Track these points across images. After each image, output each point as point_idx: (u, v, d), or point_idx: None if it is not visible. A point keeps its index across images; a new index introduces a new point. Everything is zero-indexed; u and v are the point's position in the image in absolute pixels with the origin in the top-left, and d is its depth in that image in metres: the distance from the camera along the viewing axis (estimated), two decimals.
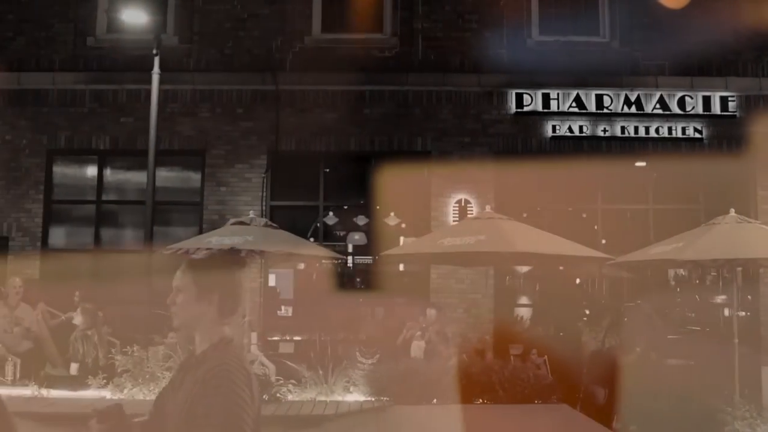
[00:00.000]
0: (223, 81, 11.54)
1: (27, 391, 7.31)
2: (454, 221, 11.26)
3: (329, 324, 9.90)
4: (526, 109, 11.49)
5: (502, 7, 11.66)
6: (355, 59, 11.48)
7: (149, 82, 11.43)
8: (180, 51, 11.69)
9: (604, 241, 11.26)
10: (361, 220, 11.41)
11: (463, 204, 11.31)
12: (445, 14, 11.69)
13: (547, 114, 11.48)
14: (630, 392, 6.70)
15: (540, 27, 11.84)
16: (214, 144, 11.46)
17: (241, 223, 7.91)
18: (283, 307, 11.45)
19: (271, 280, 11.36)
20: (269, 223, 8.24)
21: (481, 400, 6.99)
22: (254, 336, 10.99)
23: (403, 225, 11.42)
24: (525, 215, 10.95)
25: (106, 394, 6.93)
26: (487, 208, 8.26)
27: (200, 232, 11.35)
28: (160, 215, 11.59)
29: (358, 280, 11.36)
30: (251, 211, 8.82)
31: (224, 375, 2.46)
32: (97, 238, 11.62)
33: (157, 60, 9.86)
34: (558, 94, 11.47)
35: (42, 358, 8.33)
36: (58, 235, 11.67)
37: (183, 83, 11.56)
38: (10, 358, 7.77)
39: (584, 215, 11.70)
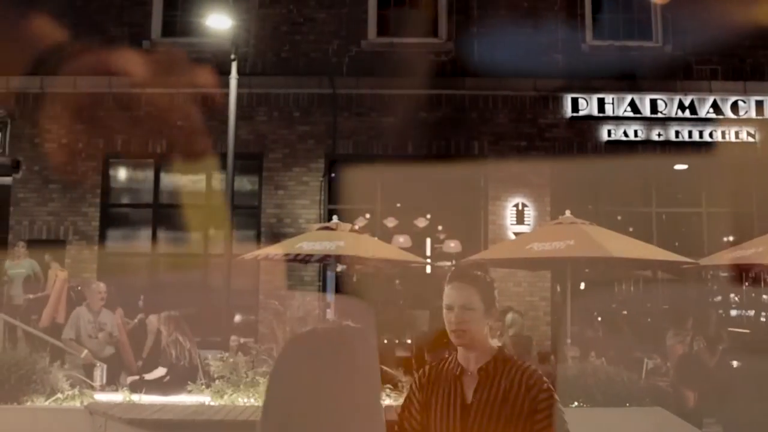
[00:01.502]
0: (280, 85, 11.58)
1: (117, 397, 7.33)
2: (511, 225, 11.35)
3: (407, 327, 9.95)
4: (581, 113, 11.58)
5: (556, 12, 11.74)
6: (411, 63, 11.50)
7: (206, 85, 11.52)
8: (237, 55, 11.69)
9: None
10: (421, 223, 11.46)
11: (520, 208, 11.39)
12: (500, 18, 11.75)
13: (602, 118, 11.58)
14: (722, 395, 6.77)
15: (594, 31, 11.94)
16: (271, 148, 11.49)
17: (327, 228, 7.94)
18: None
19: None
20: (354, 228, 8.28)
21: (576, 403, 7.04)
22: None
23: (465, 230, 11.52)
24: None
25: (205, 399, 6.93)
26: (567, 212, 8.31)
27: (258, 236, 11.42)
28: (218, 219, 11.65)
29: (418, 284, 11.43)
30: (335, 216, 8.85)
31: (551, 395, 2.55)
32: (154, 242, 11.62)
33: (234, 65, 9.93)
34: (613, 98, 11.57)
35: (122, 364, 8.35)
36: (114, 239, 11.67)
37: (240, 87, 11.57)
38: (98, 364, 7.78)
39: (639, 218, 11.79)
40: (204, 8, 12.09)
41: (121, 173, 11.89)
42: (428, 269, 11.31)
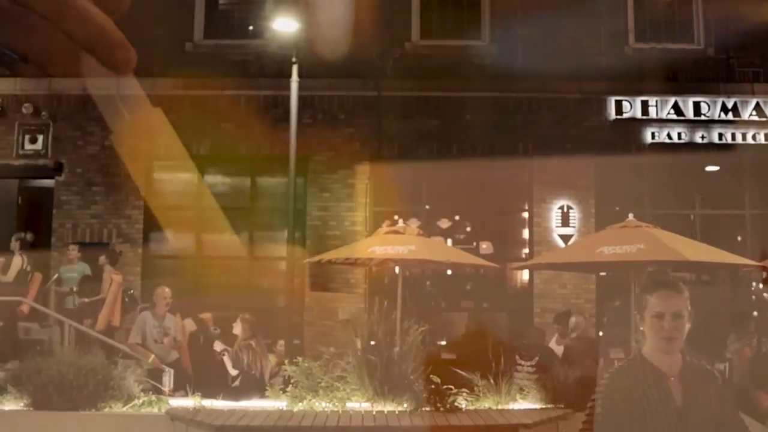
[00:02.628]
0: (324, 87, 11.55)
1: (188, 402, 7.32)
2: (556, 227, 11.38)
3: (470, 330, 9.95)
4: (625, 115, 11.61)
5: (599, 15, 11.76)
6: (455, 65, 11.53)
7: (250, 87, 11.51)
8: (280, 57, 11.67)
9: None
10: (468, 226, 11.47)
11: (565, 210, 11.41)
12: (543, 21, 11.74)
13: (645, 121, 11.61)
14: None
15: (636, 34, 11.96)
16: (316, 150, 11.46)
17: (396, 232, 7.93)
18: None
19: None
20: (420, 231, 8.27)
21: None
22: (359, 342, 11.07)
23: (509, 233, 11.54)
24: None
25: (278, 404, 6.92)
26: (630, 216, 8.32)
27: (303, 238, 11.41)
28: (263, 221, 11.64)
29: (468, 287, 11.44)
30: (399, 219, 8.84)
31: (733, 393, 2.71)
32: (198, 244, 11.58)
33: (295, 68, 9.91)
34: (656, 101, 11.60)
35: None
36: (158, 241, 11.62)
37: (283, 89, 11.55)
38: (166, 369, 7.76)
39: (682, 221, 11.82)
40: (247, 10, 12.12)
41: (165, 175, 11.79)
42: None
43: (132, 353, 7.85)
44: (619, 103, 11.62)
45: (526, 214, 11.53)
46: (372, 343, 7.56)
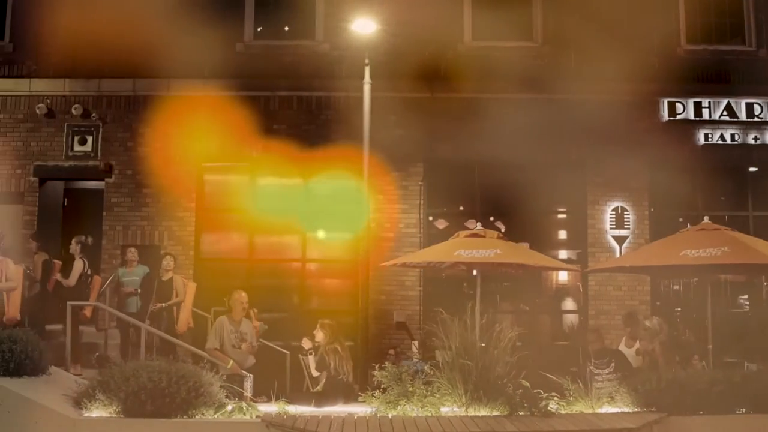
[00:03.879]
0: (377, 88, 11.45)
1: (272, 408, 7.24)
2: (611, 228, 11.36)
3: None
4: (678, 117, 11.59)
5: (651, 16, 11.72)
6: (508, 67, 11.46)
7: (302, 88, 11.43)
8: (332, 58, 11.61)
9: None
10: (523, 228, 11.43)
11: (619, 212, 11.39)
12: (596, 23, 11.69)
13: (698, 122, 11.59)
14: None
15: (687, 35, 11.93)
16: (370, 151, 11.34)
17: (476, 235, 7.87)
18: None
19: None
20: (500, 234, 8.22)
21: (743, 410, 7.03)
22: (415, 344, 11.02)
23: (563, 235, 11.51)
24: (680, 220, 11.14)
25: (363, 409, 6.84)
26: (705, 218, 8.29)
27: (358, 239, 11.34)
28: (317, 223, 11.55)
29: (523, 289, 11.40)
30: (478, 223, 8.75)
31: None
32: (251, 246, 11.51)
33: (367, 69, 9.82)
34: (709, 102, 11.57)
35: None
36: (210, 244, 11.53)
37: (337, 90, 11.50)
38: (246, 374, 7.69)
39: (736, 222, 11.80)
40: (298, 10, 12.02)
41: (216, 177, 11.74)
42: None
43: (211, 359, 7.76)
44: (672, 105, 11.60)
45: (581, 216, 11.48)
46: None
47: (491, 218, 11.35)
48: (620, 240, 11.31)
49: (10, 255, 9.10)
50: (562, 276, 11.58)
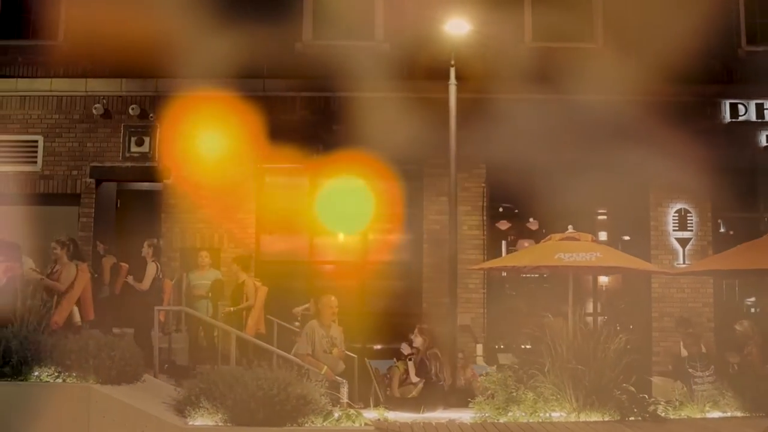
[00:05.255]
0: (437, 89, 11.35)
1: (370, 414, 7.14)
2: (674, 230, 11.32)
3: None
4: (740, 119, 11.54)
5: (711, 18, 11.65)
6: (567, 68, 11.36)
7: (363, 89, 11.28)
8: (392, 58, 11.48)
9: None
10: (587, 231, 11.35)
11: (683, 213, 11.33)
12: (655, 24, 11.63)
13: (760, 124, 11.55)
14: None
15: (747, 36, 11.88)
16: (431, 153, 11.26)
17: (571, 239, 7.78)
18: None
19: None
20: (593, 238, 8.14)
21: None
22: (480, 348, 10.94)
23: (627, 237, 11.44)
24: (743, 221, 11.12)
25: (464, 415, 6.75)
26: None
27: (421, 242, 11.25)
28: (377, 224, 11.44)
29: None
30: (570, 226, 8.66)
31: None
32: (311, 248, 11.38)
33: (452, 71, 9.73)
34: None
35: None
36: (271, 246, 11.39)
37: (397, 91, 11.36)
38: (342, 380, 7.58)
39: None
40: (354, 11, 11.89)
41: (276, 179, 11.59)
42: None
43: (303, 364, 7.63)
44: (734, 106, 11.56)
45: (643, 218, 11.42)
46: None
47: (555, 220, 11.21)
48: (683, 242, 11.25)
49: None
50: (626, 278, 11.51)
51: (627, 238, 11.50)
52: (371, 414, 7.17)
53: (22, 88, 11.36)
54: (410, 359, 7.73)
